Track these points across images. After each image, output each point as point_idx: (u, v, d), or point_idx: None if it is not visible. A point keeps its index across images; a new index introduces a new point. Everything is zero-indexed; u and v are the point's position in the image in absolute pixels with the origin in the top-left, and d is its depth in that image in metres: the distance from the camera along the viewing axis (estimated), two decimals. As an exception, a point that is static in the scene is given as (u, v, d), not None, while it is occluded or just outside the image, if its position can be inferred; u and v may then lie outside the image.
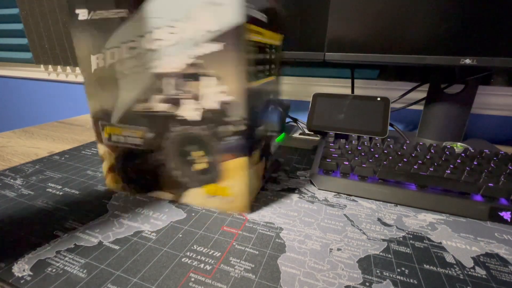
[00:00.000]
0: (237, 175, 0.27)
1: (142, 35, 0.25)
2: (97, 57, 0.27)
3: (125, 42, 0.26)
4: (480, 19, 0.36)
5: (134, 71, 0.27)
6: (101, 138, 0.31)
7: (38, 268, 0.21)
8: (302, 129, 0.60)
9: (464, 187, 0.30)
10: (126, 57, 0.26)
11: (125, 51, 0.26)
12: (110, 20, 0.26)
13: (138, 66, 0.26)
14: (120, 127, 0.29)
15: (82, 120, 0.69)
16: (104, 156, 0.32)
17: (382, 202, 0.31)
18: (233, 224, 0.27)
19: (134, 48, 0.26)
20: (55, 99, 1.07)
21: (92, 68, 0.28)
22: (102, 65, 0.27)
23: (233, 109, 0.25)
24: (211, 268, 0.22)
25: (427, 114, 0.50)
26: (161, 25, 0.24)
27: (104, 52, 0.27)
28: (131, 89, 0.27)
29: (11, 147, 0.48)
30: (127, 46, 0.26)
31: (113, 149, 0.31)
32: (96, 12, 0.26)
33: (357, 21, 0.41)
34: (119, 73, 0.27)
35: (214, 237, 0.25)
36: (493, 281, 0.21)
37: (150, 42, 0.25)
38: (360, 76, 0.62)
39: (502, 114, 0.57)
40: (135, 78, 0.27)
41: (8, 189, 0.33)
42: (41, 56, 0.93)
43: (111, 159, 0.31)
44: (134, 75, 0.27)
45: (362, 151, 0.38)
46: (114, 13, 0.25)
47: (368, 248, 0.24)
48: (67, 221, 0.27)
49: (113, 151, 0.31)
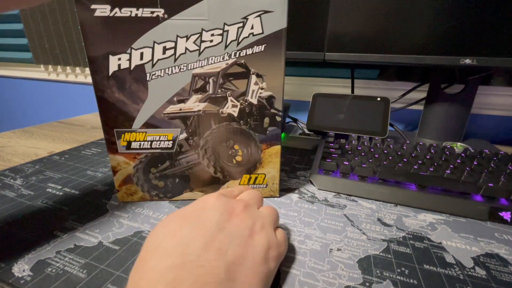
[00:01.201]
0: (272, 161, 0.30)
1: (184, 36, 0.25)
2: (119, 58, 0.25)
3: (161, 43, 0.25)
4: (480, 19, 0.36)
5: (168, 72, 0.25)
6: (115, 148, 0.28)
7: (38, 268, 0.21)
8: (302, 129, 0.60)
9: (464, 187, 0.30)
10: (160, 58, 0.25)
11: (159, 51, 0.25)
12: (141, 19, 0.24)
13: (174, 66, 0.25)
14: (145, 132, 0.27)
15: (82, 120, 0.69)
16: (118, 168, 0.28)
17: (382, 202, 0.31)
18: (233, 224, 0.27)
19: (171, 49, 0.25)
20: (55, 99, 1.07)
21: (111, 69, 0.25)
22: (126, 66, 0.25)
23: (272, 103, 0.28)
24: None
25: (427, 114, 0.50)
26: (208, 27, 0.24)
27: (131, 52, 0.25)
28: (163, 91, 0.26)
29: (11, 147, 0.48)
30: (163, 46, 0.25)
31: (132, 158, 0.28)
32: (122, 9, 0.23)
33: (357, 21, 0.41)
34: (149, 75, 0.25)
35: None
36: (493, 281, 0.21)
37: (192, 43, 0.25)
38: (360, 76, 0.62)
39: (502, 114, 0.56)
40: (169, 79, 0.26)
41: (8, 189, 0.33)
42: (41, 56, 0.93)
43: (128, 169, 0.29)
44: (168, 76, 0.26)
45: (362, 151, 0.38)
46: (149, 12, 0.24)
47: (368, 248, 0.24)
48: (67, 221, 0.27)
49: (131, 160, 0.28)
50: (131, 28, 0.24)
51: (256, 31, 0.25)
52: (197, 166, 0.29)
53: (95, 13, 0.23)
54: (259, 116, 0.28)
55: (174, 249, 0.16)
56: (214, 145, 0.28)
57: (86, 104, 1.01)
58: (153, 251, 0.16)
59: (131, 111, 0.26)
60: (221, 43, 0.25)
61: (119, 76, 0.25)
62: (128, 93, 0.26)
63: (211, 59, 0.26)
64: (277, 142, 0.29)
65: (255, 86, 0.27)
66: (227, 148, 0.29)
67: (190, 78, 0.26)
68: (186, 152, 0.29)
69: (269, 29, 0.25)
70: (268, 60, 0.26)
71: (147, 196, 0.30)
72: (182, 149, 0.28)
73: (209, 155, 0.29)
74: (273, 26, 0.25)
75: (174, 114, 0.27)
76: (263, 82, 0.27)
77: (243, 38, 0.25)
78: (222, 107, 0.27)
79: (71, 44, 0.86)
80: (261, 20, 0.25)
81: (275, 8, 0.24)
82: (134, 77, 0.25)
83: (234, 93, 0.27)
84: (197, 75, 0.26)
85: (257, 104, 0.27)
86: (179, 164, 0.29)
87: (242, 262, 0.17)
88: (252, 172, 0.30)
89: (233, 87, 0.27)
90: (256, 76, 0.26)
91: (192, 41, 0.25)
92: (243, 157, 0.29)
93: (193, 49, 0.25)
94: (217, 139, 0.28)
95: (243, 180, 0.31)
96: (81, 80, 0.94)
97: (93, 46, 0.24)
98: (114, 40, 0.24)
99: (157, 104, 0.26)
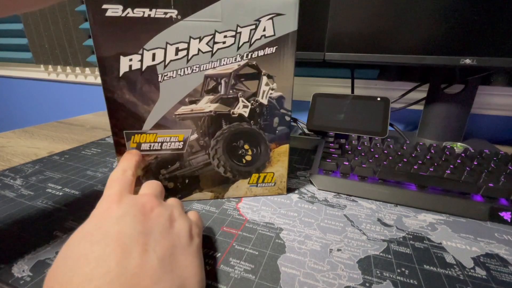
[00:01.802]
0: (281, 160, 0.31)
1: (197, 37, 0.25)
2: (131, 59, 0.24)
3: (173, 44, 0.24)
4: (480, 19, 0.36)
5: (180, 73, 0.25)
6: (124, 150, 0.27)
7: (37, 268, 0.21)
8: (302, 129, 0.60)
9: (464, 187, 0.30)
10: (173, 59, 0.25)
11: (172, 52, 0.25)
12: (154, 19, 0.23)
13: (186, 67, 0.25)
14: (156, 134, 0.27)
15: (82, 120, 0.69)
16: None
17: (382, 203, 0.31)
18: (233, 224, 0.27)
19: (183, 50, 0.25)
20: (55, 99, 1.07)
21: (121, 70, 0.24)
22: (137, 67, 0.25)
23: (282, 104, 0.28)
24: (211, 268, 0.22)
25: (427, 114, 0.50)
26: (221, 28, 0.25)
27: (142, 53, 0.24)
28: (175, 92, 0.26)
29: (11, 147, 0.48)
30: (175, 47, 0.25)
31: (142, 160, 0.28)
32: (134, 10, 0.23)
33: (357, 21, 0.41)
34: (161, 76, 0.25)
35: (214, 238, 0.25)
36: (493, 281, 0.21)
37: (205, 44, 0.25)
38: (360, 76, 0.62)
39: (502, 114, 0.56)
40: (181, 80, 0.26)
41: (8, 189, 0.33)
42: (41, 56, 0.93)
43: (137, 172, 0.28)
44: (180, 77, 0.26)
45: (362, 151, 0.38)
46: (162, 13, 0.23)
47: (368, 248, 0.24)
48: (66, 221, 0.27)
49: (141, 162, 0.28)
50: (144, 28, 0.24)
51: (268, 33, 0.25)
52: (207, 167, 0.29)
53: (106, 13, 0.23)
54: (269, 116, 0.29)
55: (93, 273, 0.14)
56: (224, 145, 0.29)
57: (86, 104, 1.01)
58: (67, 284, 0.14)
59: (142, 112, 0.26)
60: (233, 44, 0.25)
61: (130, 77, 0.25)
62: (139, 94, 0.25)
63: (223, 60, 0.26)
64: (286, 141, 0.30)
65: (266, 87, 0.27)
66: (237, 148, 0.29)
67: (202, 79, 0.26)
68: (197, 152, 0.29)
69: (280, 31, 0.25)
70: (279, 62, 0.27)
71: None
72: (193, 149, 0.28)
73: (219, 155, 0.29)
74: (284, 28, 0.25)
75: (185, 115, 0.27)
76: (274, 83, 0.27)
77: (255, 40, 0.25)
78: (233, 108, 0.28)
79: (71, 44, 0.86)
80: (273, 23, 0.25)
81: (286, 11, 0.25)
82: (146, 78, 0.25)
83: (245, 93, 0.27)
84: (209, 76, 0.26)
85: (268, 104, 0.28)
86: (189, 165, 0.29)
87: (173, 251, 0.17)
88: (261, 171, 0.31)
89: (244, 88, 0.27)
90: (267, 77, 0.27)
91: (205, 42, 0.25)
92: (252, 157, 0.30)
93: (205, 50, 0.25)
94: (227, 139, 0.28)
95: (252, 179, 0.31)
96: (81, 80, 0.94)
97: (103, 46, 0.23)
98: (126, 41, 0.24)
99: (168, 105, 0.26)
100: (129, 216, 0.18)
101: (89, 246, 0.15)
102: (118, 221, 0.17)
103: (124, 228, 0.17)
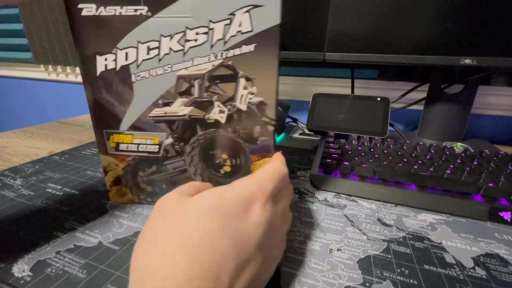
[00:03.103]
0: None
1: (168, 35, 0.23)
2: (106, 58, 0.24)
3: (144, 42, 0.23)
4: (480, 19, 0.36)
5: (153, 73, 0.24)
6: (105, 149, 0.27)
7: (37, 268, 0.21)
8: (302, 129, 0.60)
9: (464, 187, 0.30)
10: (145, 58, 0.24)
11: (143, 51, 0.24)
12: (125, 17, 0.23)
13: (158, 68, 0.24)
14: (132, 135, 0.26)
15: (82, 120, 0.68)
16: (108, 168, 0.28)
17: (382, 202, 0.31)
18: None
19: (155, 49, 0.24)
20: (55, 99, 1.07)
21: (98, 70, 0.24)
22: (112, 67, 0.24)
23: (263, 110, 0.25)
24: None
25: (427, 114, 0.50)
26: (192, 25, 0.23)
27: (116, 52, 0.24)
28: (148, 93, 0.25)
29: (11, 147, 0.48)
30: (147, 46, 0.23)
31: (121, 160, 0.28)
32: (107, 8, 0.22)
33: (357, 21, 0.41)
34: (134, 76, 0.24)
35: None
36: (493, 281, 0.21)
37: (176, 42, 0.23)
38: (360, 76, 0.62)
39: (502, 114, 0.56)
40: (154, 81, 0.24)
41: (8, 189, 0.33)
42: (41, 56, 0.93)
43: (117, 171, 0.28)
44: (153, 77, 0.24)
45: (362, 151, 0.38)
46: (132, 10, 0.22)
47: (368, 248, 0.24)
48: (66, 221, 0.27)
49: (120, 162, 0.28)
50: (116, 27, 0.23)
51: (245, 29, 0.22)
52: (184, 173, 0.28)
53: (82, 13, 0.22)
54: (248, 124, 0.25)
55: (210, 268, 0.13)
56: (200, 153, 0.27)
57: (86, 104, 1.01)
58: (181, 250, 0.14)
59: (119, 112, 0.26)
60: (206, 42, 0.23)
61: (107, 76, 0.24)
62: (115, 94, 0.25)
63: (196, 60, 0.24)
64: (268, 154, 0.26)
65: (244, 90, 0.24)
66: (215, 157, 0.27)
67: (175, 80, 0.24)
68: (173, 158, 0.27)
69: (259, 26, 0.22)
70: (259, 62, 0.23)
71: (135, 198, 0.29)
72: (168, 154, 0.27)
73: (195, 163, 0.27)
74: (264, 22, 0.22)
75: (159, 117, 0.26)
76: (253, 86, 0.24)
77: (230, 36, 0.23)
78: (208, 112, 0.25)
79: (71, 44, 0.86)
80: (250, 16, 0.22)
81: (266, 1, 0.21)
82: (121, 78, 0.24)
83: (221, 97, 0.25)
84: (182, 77, 0.24)
85: (247, 110, 0.25)
86: (166, 170, 0.28)
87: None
88: None
89: (220, 91, 0.25)
90: (245, 80, 0.24)
91: (176, 41, 0.23)
92: (232, 168, 0.27)
93: (177, 49, 0.23)
94: (203, 146, 0.26)
95: None
96: (81, 80, 0.94)
97: (81, 46, 0.23)
98: (101, 40, 0.23)
99: (142, 106, 0.25)
100: (262, 228, 0.18)
101: (220, 226, 0.15)
102: (250, 225, 0.17)
103: (252, 238, 0.17)
